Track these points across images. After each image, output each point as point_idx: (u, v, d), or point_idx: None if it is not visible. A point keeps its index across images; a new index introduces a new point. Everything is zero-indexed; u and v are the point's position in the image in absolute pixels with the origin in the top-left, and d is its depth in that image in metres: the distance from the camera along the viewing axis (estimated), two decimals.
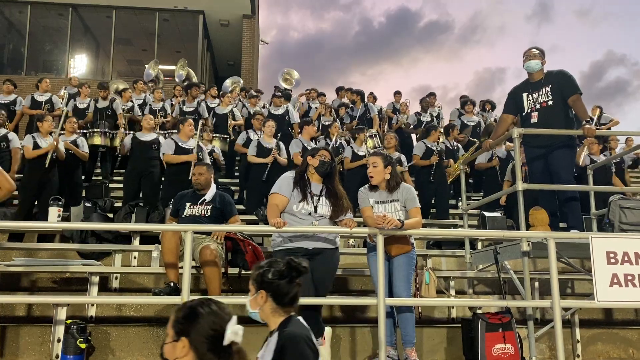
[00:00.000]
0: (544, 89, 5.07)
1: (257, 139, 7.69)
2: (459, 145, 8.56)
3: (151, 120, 7.43)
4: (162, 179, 7.08)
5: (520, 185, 4.43)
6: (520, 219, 4.48)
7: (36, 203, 6.71)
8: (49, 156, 6.66)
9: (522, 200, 4.44)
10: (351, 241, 6.63)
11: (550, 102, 5.01)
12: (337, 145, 8.32)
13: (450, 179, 7.81)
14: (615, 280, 3.93)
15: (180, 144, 6.71)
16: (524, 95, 5.18)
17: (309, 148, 7.04)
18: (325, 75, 73.94)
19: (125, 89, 10.22)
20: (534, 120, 5.10)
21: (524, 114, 5.19)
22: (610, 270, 3.94)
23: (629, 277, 3.94)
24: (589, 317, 5.28)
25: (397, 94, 11.49)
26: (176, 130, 7.21)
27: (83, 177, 7.97)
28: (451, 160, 7.83)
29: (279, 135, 8.40)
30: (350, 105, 10.63)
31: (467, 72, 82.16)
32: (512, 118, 5.38)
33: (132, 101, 9.87)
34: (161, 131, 8.78)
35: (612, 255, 3.97)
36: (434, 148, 7.78)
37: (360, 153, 7.70)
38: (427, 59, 78.15)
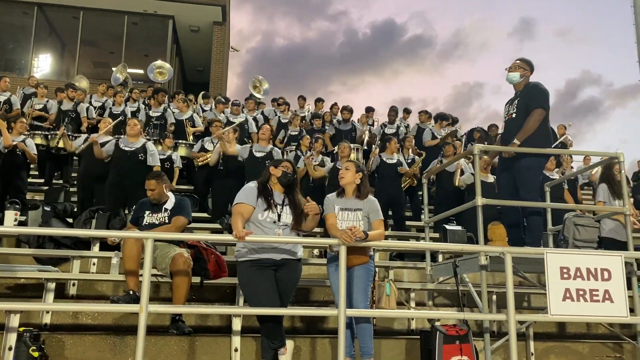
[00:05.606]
0: (515, 101, 5.13)
1: (214, 145, 7.65)
2: (416, 157, 8.73)
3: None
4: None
5: (480, 200, 4.53)
6: (479, 233, 4.58)
7: None
8: None
9: (481, 215, 4.55)
10: (315, 251, 6.66)
11: (514, 115, 5.07)
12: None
13: (404, 186, 7.98)
14: (567, 295, 4.05)
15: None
16: (505, 107, 5.27)
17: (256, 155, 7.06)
18: (306, 83, 74.43)
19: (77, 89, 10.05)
20: (501, 131, 5.18)
21: None
22: (563, 285, 4.07)
23: (581, 292, 4.07)
24: (543, 330, 5.43)
25: (370, 110, 11.65)
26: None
27: (42, 181, 7.78)
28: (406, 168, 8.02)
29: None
30: (338, 119, 10.64)
31: (446, 86, 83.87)
32: None
33: (91, 104, 9.73)
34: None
35: (565, 270, 4.09)
36: (391, 161, 7.92)
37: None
38: (409, 72, 79.54)
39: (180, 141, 8.82)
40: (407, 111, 11.90)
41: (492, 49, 73.40)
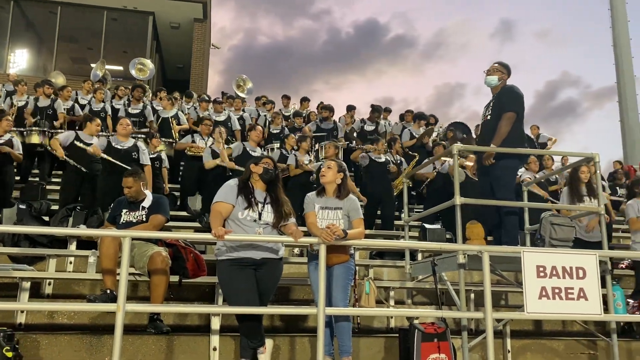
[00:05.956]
0: (491, 104, 5.23)
1: (210, 146, 7.61)
2: (402, 159, 8.77)
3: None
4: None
5: (458, 200, 4.58)
6: (458, 232, 4.62)
7: None
8: None
9: (460, 214, 4.59)
10: (296, 250, 6.65)
11: (489, 117, 5.17)
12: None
13: (396, 192, 8.03)
14: (543, 293, 4.12)
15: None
16: (483, 109, 5.36)
17: (252, 154, 7.06)
18: (289, 82, 74.33)
19: (64, 87, 9.87)
20: (478, 133, 5.27)
21: None
22: (539, 283, 4.13)
23: (556, 290, 4.14)
24: (520, 328, 5.51)
25: (352, 109, 11.67)
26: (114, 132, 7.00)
27: (18, 178, 7.64)
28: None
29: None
30: (320, 118, 10.63)
31: (428, 86, 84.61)
32: None
33: (77, 101, 9.58)
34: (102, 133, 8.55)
35: (541, 269, 4.16)
36: (379, 160, 7.96)
37: (305, 161, 7.83)
38: (391, 72, 79.94)
39: (164, 140, 8.72)
40: (387, 110, 11.96)
41: (473, 50, 74.22)
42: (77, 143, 6.64)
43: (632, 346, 5.18)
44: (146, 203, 4.72)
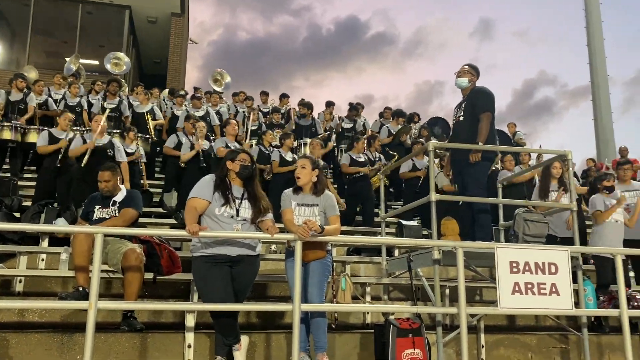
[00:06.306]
0: (463, 105, 5.34)
1: (191, 142, 7.54)
2: (381, 156, 8.81)
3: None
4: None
5: (434, 196, 4.61)
6: (433, 228, 4.66)
7: None
8: None
9: (435, 210, 4.63)
10: (273, 247, 6.64)
11: (461, 118, 5.29)
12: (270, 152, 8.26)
13: (374, 187, 8.07)
14: (517, 288, 4.17)
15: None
16: (454, 110, 5.47)
17: (232, 148, 6.99)
18: (269, 78, 74.04)
19: (36, 81, 9.66)
20: (452, 134, 5.39)
21: None
22: (512, 278, 4.18)
23: (529, 286, 4.20)
24: (494, 323, 5.57)
25: (331, 105, 11.67)
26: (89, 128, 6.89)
27: None
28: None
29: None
30: (299, 114, 10.60)
31: (408, 83, 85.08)
32: None
33: (50, 96, 9.39)
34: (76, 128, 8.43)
35: (514, 264, 4.21)
36: (359, 159, 7.98)
37: (288, 158, 7.78)
38: (371, 69, 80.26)
39: (141, 135, 8.62)
40: (359, 105, 11.95)
41: (453, 48, 74.86)
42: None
43: (602, 340, 5.28)
44: (119, 198, 4.66)
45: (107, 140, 6.66)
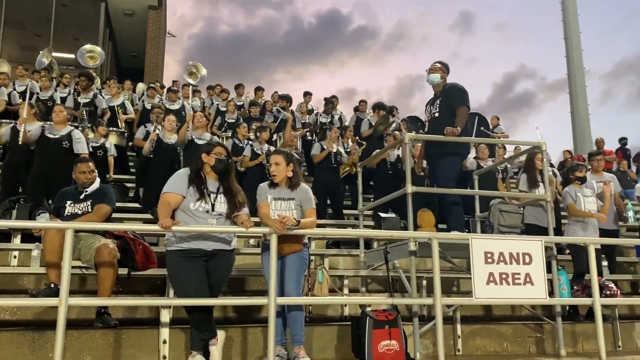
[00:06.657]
0: (437, 101, 5.40)
1: (157, 134, 7.43)
2: (356, 146, 8.83)
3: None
4: None
5: (410, 188, 4.62)
6: (409, 220, 4.68)
7: None
8: None
9: (411, 202, 4.64)
10: (251, 241, 6.61)
11: (437, 114, 5.34)
12: (245, 145, 8.20)
13: (342, 175, 8.10)
14: (491, 279, 4.21)
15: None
16: (426, 106, 5.53)
17: (198, 142, 6.90)
18: (250, 71, 73.60)
19: (1, 73, 9.47)
20: (426, 130, 5.43)
21: None
22: (487, 269, 4.22)
23: (504, 276, 4.25)
24: (470, 313, 5.62)
25: (307, 95, 11.63)
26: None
27: None
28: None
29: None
30: (276, 108, 10.54)
31: (389, 77, 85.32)
32: None
33: (15, 89, 9.21)
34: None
35: (489, 255, 4.25)
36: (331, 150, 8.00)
37: (260, 152, 7.76)
38: (353, 63, 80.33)
39: (111, 128, 8.50)
40: (335, 99, 11.97)
41: (434, 42, 75.31)
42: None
43: (576, 328, 5.37)
44: (91, 189, 4.59)
45: (66, 132, 6.45)
